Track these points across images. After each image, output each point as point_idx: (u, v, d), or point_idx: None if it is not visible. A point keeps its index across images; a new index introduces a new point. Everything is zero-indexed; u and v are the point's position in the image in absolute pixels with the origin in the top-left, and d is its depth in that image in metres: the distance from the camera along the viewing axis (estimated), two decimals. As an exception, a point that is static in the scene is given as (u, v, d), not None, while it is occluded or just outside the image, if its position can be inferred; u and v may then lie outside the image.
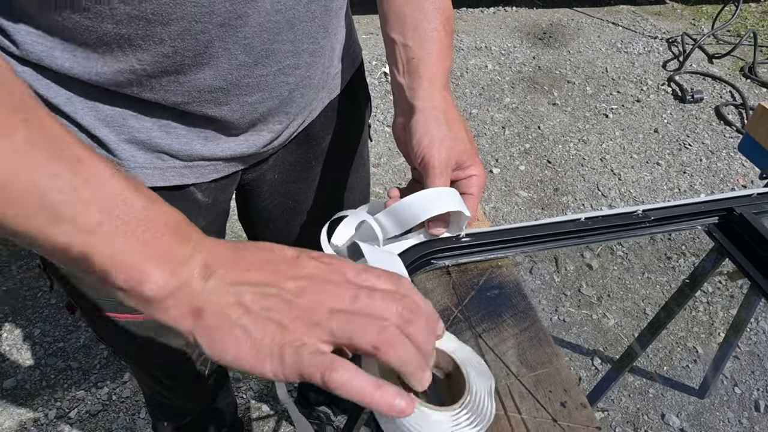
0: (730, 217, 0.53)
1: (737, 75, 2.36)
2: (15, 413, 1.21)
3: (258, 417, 1.24)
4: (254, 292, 0.28)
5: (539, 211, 1.73)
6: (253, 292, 0.28)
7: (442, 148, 0.45)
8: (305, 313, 0.28)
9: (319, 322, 0.28)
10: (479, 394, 0.35)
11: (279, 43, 0.46)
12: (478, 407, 0.34)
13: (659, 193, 1.80)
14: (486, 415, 0.34)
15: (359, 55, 0.66)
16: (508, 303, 0.47)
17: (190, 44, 0.41)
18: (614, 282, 1.51)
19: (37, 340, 1.34)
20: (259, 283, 0.29)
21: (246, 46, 0.44)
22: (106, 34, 0.39)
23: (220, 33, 0.42)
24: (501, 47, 2.49)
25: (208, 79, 0.44)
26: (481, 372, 0.37)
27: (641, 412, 1.25)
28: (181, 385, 0.75)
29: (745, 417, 1.24)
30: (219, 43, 0.42)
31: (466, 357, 0.37)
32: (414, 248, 0.47)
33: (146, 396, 0.86)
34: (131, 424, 1.21)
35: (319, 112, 0.59)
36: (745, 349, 1.36)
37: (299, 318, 0.28)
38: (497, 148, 1.97)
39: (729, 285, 1.50)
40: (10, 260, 1.52)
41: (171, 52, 0.41)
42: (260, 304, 0.28)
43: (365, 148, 0.74)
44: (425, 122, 0.46)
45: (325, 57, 0.54)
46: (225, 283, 0.29)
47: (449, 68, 0.51)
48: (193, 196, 0.56)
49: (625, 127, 2.08)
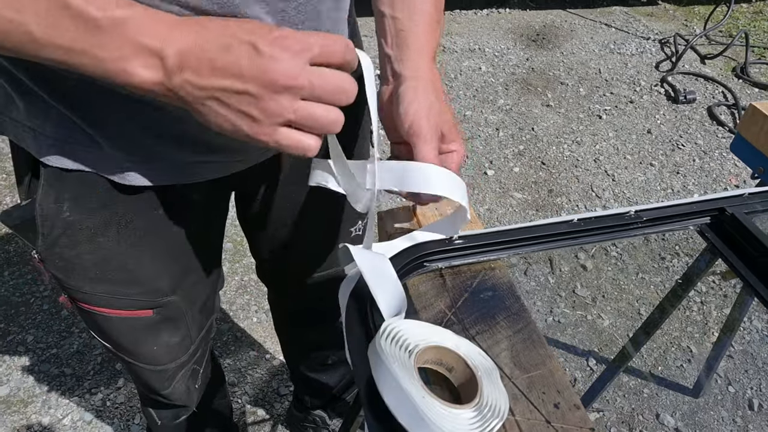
0: (721, 217, 0.53)
1: (729, 75, 2.38)
2: (8, 421, 1.20)
3: (253, 421, 1.23)
4: (224, 95, 0.36)
5: (534, 213, 1.74)
6: (223, 96, 0.36)
7: (431, 115, 0.45)
8: (267, 115, 0.36)
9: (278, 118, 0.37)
10: (493, 385, 0.36)
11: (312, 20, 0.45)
12: (494, 400, 0.36)
13: (653, 193, 1.81)
14: (501, 409, 0.35)
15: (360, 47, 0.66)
16: (501, 305, 0.47)
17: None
18: (609, 283, 1.52)
19: (30, 346, 1.33)
20: (226, 89, 0.36)
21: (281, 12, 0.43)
22: None
23: None
24: (495, 49, 2.50)
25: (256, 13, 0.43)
26: (486, 364, 0.38)
27: (636, 412, 1.26)
28: (175, 383, 0.75)
29: (739, 416, 1.25)
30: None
31: (468, 351, 0.39)
32: (406, 251, 0.47)
33: (140, 395, 0.86)
34: (126, 430, 1.20)
35: None
36: (738, 348, 1.37)
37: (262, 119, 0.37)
38: (491, 150, 1.97)
39: (722, 285, 1.51)
40: (2, 266, 1.50)
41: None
42: (233, 103, 0.36)
43: (366, 149, 0.73)
44: (414, 90, 0.46)
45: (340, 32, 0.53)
46: (196, 86, 0.36)
47: (437, 43, 0.50)
48: (187, 194, 0.56)
49: (618, 128, 2.09)
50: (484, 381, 0.37)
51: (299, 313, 0.89)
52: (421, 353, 0.37)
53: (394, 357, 0.34)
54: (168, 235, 0.58)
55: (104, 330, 0.64)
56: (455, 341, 0.39)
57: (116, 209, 0.53)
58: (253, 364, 1.33)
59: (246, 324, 1.41)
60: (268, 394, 1.27)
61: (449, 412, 0.33)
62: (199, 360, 0.78)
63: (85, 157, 0.48)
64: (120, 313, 0.61)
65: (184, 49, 0.35)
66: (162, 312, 0.64)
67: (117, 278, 0.58)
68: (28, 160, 0.51)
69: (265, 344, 1.37)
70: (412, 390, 0.32)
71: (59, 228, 0.53)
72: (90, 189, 0.51)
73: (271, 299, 0.95)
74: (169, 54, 0.35)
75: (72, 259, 0.55)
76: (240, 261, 1.54)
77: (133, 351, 0.67)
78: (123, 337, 0.64)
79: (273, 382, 1.30)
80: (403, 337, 0.36)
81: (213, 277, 0.72)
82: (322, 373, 1.00)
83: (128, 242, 0.56)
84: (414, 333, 0.38)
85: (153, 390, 0.75)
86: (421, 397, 0.32)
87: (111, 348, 0.67)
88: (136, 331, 0.64)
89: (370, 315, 0.40)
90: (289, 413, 1.19)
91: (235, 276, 1.51)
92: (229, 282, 1.49)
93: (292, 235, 0.73)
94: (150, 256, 0.58)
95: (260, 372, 1.31)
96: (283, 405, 1.26)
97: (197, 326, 0.72)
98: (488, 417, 0.34)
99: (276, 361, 1.33)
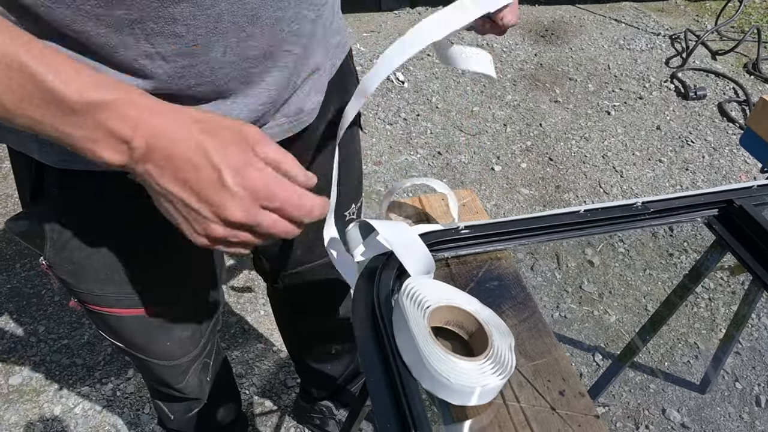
0: (730, 209, 0.53)
1: (741, 71, 2.35)
2: (21, 409, 1.22)
3: (261, 412, 1.24)
4: (177, 202, 0.38)
5: (541, 209, 1.73)
6: (176, 202, 0.38)
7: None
8: (209, 234, 0.39)
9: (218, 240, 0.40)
10: (501, 348, 0.39)
11: (282, 10, 0.45)
12: (500, 359, 0.38)
13: (661, 190, 1.79)
14: (508, 366, 0.38)
15: (348, 42, 0.65)
16: (507, 294, 0.47)
17: (202, 21, 0.40)
18: (615, 278, 1.51)
19: (41, 337, 1.35)
20: (181, 199, 0.38)
21: (252, 17, 0.43)
22: (117, 20, 0.38)
23: (228, 6, 0.41)
24: (503, 44, 2.48)
25: (218, 55, 0.44)
26: (502, 330, 0.41)
27: (642, 407, 1.25)
28: (189, 377, 0.76)
29: (746, 412, 1.24)
30: (228, 17, 0.42)
31: (488, 317, 0.41)
32: (414, 240, 0.48)
33: (151, 390, 0.87)
34: (136, 420, 1.22)
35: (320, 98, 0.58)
36: (746, 344, 1.36)
37: (203, 234, 0.40)
38: (498, 146, 1.97)
39: (731, 281, 1.50)
40: (14, 258, 1.53)
41: (184, 31, 0.40)
42: (182, 211, 0.39)
43: (357, 136, 0.73)
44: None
45: (325, 29, 0.54)
46: (155, 181, 0.37)
47: None
48: None
49: (627, 124, 2.08)
50: (495, 345, 0.39)
51: (299, 304, 0.90)
52: (436, 311, 0.40)
53: (410, 311, 0.38)
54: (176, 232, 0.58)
55: (116, 330, 0.64)
56: (477, 306, 0.42)
57: (125, 208, 0.53)
58: (260, 356, 1.34)
59: (253, 317, 1.42)
60: (275, 386, 1.29)
61: (447, 358, 0.36)
62: (209, 353, 0.78)
63: None
64: (132, 312, 0.61)
65: (153, 145, 0.36)
66: (173, 307, 0.64)
67: (127, 278, 0.58)
68: (30, 164, 0.49)
69: (272, 336, 1.38)
70: (418, 335, 0.36)
71: (69, 231, 0.52)
72: (98, 189, 0.51)
73: (271, 292, 0.96)
74: (137, 145, 0.36)
75: (81, 261, 0.55)
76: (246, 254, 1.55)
77: (146, 348, 0.67)
78: (136, 335, 0.65)
79: (280, 373, 1.31)
80: (420, 295, 0.40)
81: (218, 270, 0.72)
82: (327, 364, 1.01)
83: (138, 241, 0.56)
84: (433, 293, 0.41)
85: (167, 384, 0.76)
86: (424, 341, 0.36)
87: (123, 347, 0.67)
88: (150, 328, 0.64)
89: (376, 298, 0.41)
90: (296, 404, 1.20)
91: (242, 269, 1.52)
92: (236, 275, 1.50)
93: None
94: (160, 253, 0.58)
95: (267, 364, 1.33)
96: (290, 396, 1.27)
97: (206, 319, 0.73)
98: (487, 373, 0.37)
99: (283, 353, 1.34)
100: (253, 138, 0.39)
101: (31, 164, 0.49)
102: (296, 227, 0.40)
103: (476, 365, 0.37)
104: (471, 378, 0.36)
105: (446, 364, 0.36)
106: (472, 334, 0.41)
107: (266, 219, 0.38)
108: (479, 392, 0.36)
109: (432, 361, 0.35)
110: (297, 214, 0.39)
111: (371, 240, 0.45)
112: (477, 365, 0.37)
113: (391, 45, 0.45)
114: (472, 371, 0.37)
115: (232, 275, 1.50)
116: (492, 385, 0.36)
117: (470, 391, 0.36)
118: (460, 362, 0.37)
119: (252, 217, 0.38)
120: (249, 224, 0.38)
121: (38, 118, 0.34)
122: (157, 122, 0.36)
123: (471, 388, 0.36)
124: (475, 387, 0.36)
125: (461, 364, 0.37)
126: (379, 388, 0.36)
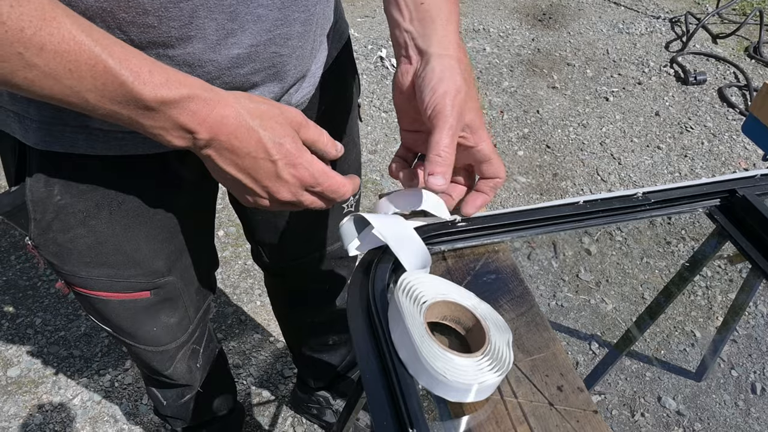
0: (732, 199, 0.52)
1: (742, 55, 2.33)
2: (20, 401, 1.22)
3: (258, 402, 1.25)
4: (234, 181, 0.44)
5: (538, 197, 1.72)
6: (234, 180, 0.44)
7: (456, 101, 0.42)
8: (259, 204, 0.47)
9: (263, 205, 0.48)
10: (499, 344, 0.38)
11: (265, 8, 0.45)
12: (498, 355, 0.37)
13: (660, 177, 1.79)
14: (505, 363, 0.37)
15: (346, 30, 0.64)
16: (504, 288, 0.47)
17: (175, 13, 0.41)
18: (613, 267, 1.51)
19: (38, 329, 1.35)
20: (239, 180, 0.44)
21: (231, 14, 0.43)
22: (88, 8, 0.39)
23: (204, 1, 0.41)
24: (499, 29, 2.45)
25: (197, 51, 0.44)
26: (500, 326, 0.40)
27: (638, 395, 1.26)
28: (176, 363, 0.76)
29: (742, 399, 1.25)
30: (204, 12, 0.42)
31: (485, 312, 0.41)
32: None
33: (144, 376, 0.87)
34: (134, 410, 1.22)
35: (311, 90, 0.58)
36: (742, 332, 1.37)
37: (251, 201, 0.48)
38: (495, 133, 1.95)
39: (728, 269, 1.50)
40: (9, 251, 1.51)
41: (156, 22, 0.41)
42: (237, 187, 0.45)
43: (355, 127, 0.73)
44: (441, 71, 0.43)
45: (318, 27, 0.53)
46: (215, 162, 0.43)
47: (459, 14, 0.48)
48: (178, 172, 0.55)
49: (625, 110, 2.06)
50: (493, 340, 0.38)
51: (297, 294, 0.90)
52: (432, 306, 0.39)
53: (406, 306, 0.37)
54: (160, 215, 0.58)
55: (103, 314, 0.64)
56: (475, 302, 0.41)
57: (107, 191, 0.53)
58: (257, 346, 1.34)
59: (250, 307, 1.42)
60: (272, 376, 1.29)
61: (443, 354, 0.36)
62: (199, 340, 0.78)
63: (74, 138, 0.48)
64: (118, 296, 0.61)
65: (216, 137, 0.41)
66: (159, 293, 0.64)
67: (112, 261, 0.58)
68: (14, 145, 0.50)
69: (269, 327, 1.38)
70: (414, 331, 0.35)
71: (51, 212, 0.52)
72: (80, 171, 0.51)
73: (269, 283, 0.96)
74: (201, 137, 0.40)
75: (66, 244, 0.55)
76: (243, 245, 1.54)
77: (133, 333, 0.67)
78: (122, 320, 0.65)
79: (277, 364, 1.31)
80: (416, 290, 0.39)
81: (207, 257, 0.72)
82: (324, 354, 1.01)
83: (121, 224, 0.55)
84: (429, 288, 0.40)
85: (155, 371, 0.76)
86: (420, 337, 0.35)
87: (111, 332, 0.67)
88: (135, 313, 0.64)
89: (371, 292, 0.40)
90: (294, 394, 1.20)
91: (238, 260, 1.51)
92: (233, 266, 1.50)
93: (286, 215, 0.72)
94: (144, 237, 0.58)
95: (264, 354, 1.33)
96: (288, 386, 1.27)
97: (194, 306, 0.72)
98: (484, 370, 0.36)
99: (280, 344, 1.34)
100: (296, 123, 0.45)
101: (15, 145, 0.50)
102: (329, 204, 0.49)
103: (473, 362, 0.36)
104: (468, 375, 0.36)
105: (443, 360, 0.35)
106: (469, 330, 0.40)
107: (308, 198, 0.47)
108: (476, 389, 0.36)
109: (428, 357, 0.35)
110: (333, 197, 0.48)
111: (366, 234, 0.44)
112: (474, 362, 0.36)
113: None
114: (469, 368, 0.36)
115: (228, 266, 1.49)
116: (489, 381, 0.36)
117: (467, 388, 0.36)
118: (457, 359, 0.36)
119: (297, 197, 0.46)
120: (293, 201, 0.46)
121: (117, 111, 0.38)
122: (219, 117, 0.40)
123: (468, 385, 0.35)
124: (472, 384, 0.35)
125: (458, 361, 0.36)
126: (375, 386, 0.36)
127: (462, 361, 0.36)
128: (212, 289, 0.77)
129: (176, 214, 0.59)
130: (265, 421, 1.22)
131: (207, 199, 0.66)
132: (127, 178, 0.53)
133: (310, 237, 0.76)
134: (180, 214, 0.60)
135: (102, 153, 0.49)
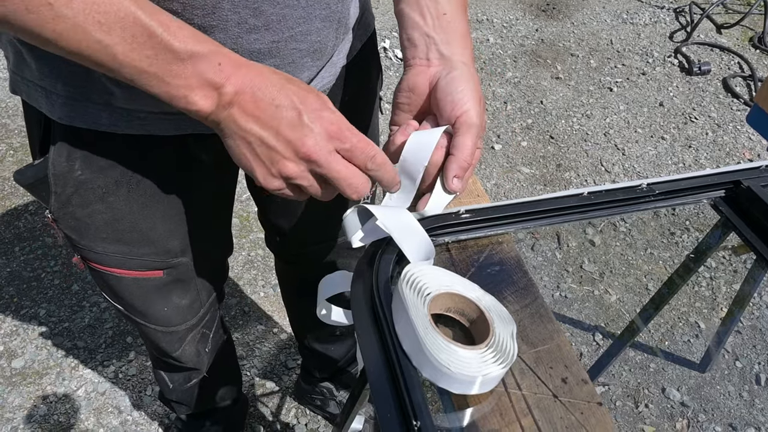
0: (737, 190, 0.52)
1: (746, 45, 2.30)
2: (25, 392, 1.23)
3: (262, 393, 1.25)
4: (255, 141, 0.41)
5: (541, 188, 1.72)
6: (255, 141, 0.41)
7: (482, 108, 0.46)
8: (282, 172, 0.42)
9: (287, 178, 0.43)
10: (503, 336, 0.38)
11: (290, 8, 0.46)
12: (502, 347, 0.37)
13: (663, 167, 1.77)
14: (509, 355, 0.37)
15: (371, 23, 0.64)
16: (508, 280, 0.46)
17: (199, 2, 0.42)
18: (617, 258, 1.51)
19: (42, 320, 1.36)
20: (260, 137, 0.41)
21: (255, 10, 0.44)
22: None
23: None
24: (503, 20, 2.43)
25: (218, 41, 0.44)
26: (504, 318, 0.40)
27: (642, 386, 1.26)
28: (185, 345, 0.77)
29: (746, 390, 1.25)
30: (227, 5, 0.43)
31: (489, 303, 0.40)
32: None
33: (152, 358, 0.88)
34: (138, 401, 1.23)
35: (332, 80, 0.58)
36: (747, 323, 1.36)
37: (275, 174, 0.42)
38: (499, 124, 1.94)
39: (733, 260, 1.49)
40: (13, 242, 1.52)
41: (180, 9, 0.42)
42: (258, 150, 0.41)
43: (376, 120, 0.73)
44: (467, 79, 0.46)
45: (339, 23, 0.53)
46: (236, 123, 0.41)
47: None
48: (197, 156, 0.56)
49: (629, 101, 2.04)
50: (497, 332, 0.38)
51: (308, 282, 0.90)
52: (436, 298, 0.39)
53: (409, 298, 0.37)
54: (178, 196, 0.59)
55: (116, 291, 0.65)
56: (479, 294, 0.41)
57: (127, 169, 0.54)
58: (261, 337, 1.35)
59: (254, 298, 1.42)
60: (276, 367, 1.30)
61: (447, 346, 0.36)
62: (209, 324, 0.79)
63: (97, 115, 0.49)
64: (131, 273, 0.62)
65: (241, 89, 0.40)
66: (172, 273, 0.65)
67: (128, 238, 0.59)
68: (40, 119, 0.51)
69: (273, 318, 1.38)
70: (418, 323, 0.35)
71: (71, 187, 0.53)
72: (101, 148, 0.52)
73: (280, 269, 0.96)
74: (227, 91, 0.39)
75: (84, 219, 0.56)
76: (247, 236, 1.54)
77: (144, 312, 0.68)
78: (134, 298, 0.66)
79: (281, 355, 1.32)
80: (420, 282, 0.39)
81: (222, 242, 0.72)
82: (330, 345, 1.01)
83: (139, 202, 0.56)
84: (433, 279, 0.40)
85: (164, 352, 0.77)
86: (424, 329, 0.35)
87: (123, 310, 0.68)
88: (147, 292, 0.65)
89: (375, 284, 0.40)
90: (297, 385, 1.21)
91: (242, 251, 1.51)
92: (236, 257, 1.50)
93: (304, 203, 0.73)
94: (161, 217, 0.59)
95: (268, 345, 1.33)
96: (291, 377, 1.28)
97: (206, 290, 0.73)
98: (488, 362, 0.36)
99: (284, 335, 1.35)
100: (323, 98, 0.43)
101: (41, 119, 0.51)
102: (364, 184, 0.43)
103: (477, 354, 0.36)
104: (472, 367, 0.35)
105: (447, 352, 0.35)
106: (473, 321, 0.40)
107: (335, 162, 0.41)
108: (480, 381, 0.36)
109: (432, 349, 0.35)
110: (363, 157, 0.42)
111: (369, 225, 0.44)
112: (478, 354, 0.36)
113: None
114: (473, 360, 0.36)
115: (231, 257, 1.50)
116: (493, 374, 0.36)
117: (471, 380, 0.35)
118: (461, 351, 0.36)
119: (324, 155, 0.41)
120: (317, 160, 0.41)
121: (145, 68, 0.37)
122: (245, 71, 0.40)
123: (472, 377, 0.35)
124: (476, 376, 0.35)
125: (462, 353, 0.36)
126: (379, 378, 0.36)
127: (466, 353, 0.36)
128: (225, 275, 0.77)
129: (193, 196, 0.60)
130: (268, 412, 1.22)
131: (225, 185, 0.67)
132: (146, 158, 0.54)
133: (325, 225, 0.76)
134: (197, 196, 0.60)
135: (124, 131, 0.50)
